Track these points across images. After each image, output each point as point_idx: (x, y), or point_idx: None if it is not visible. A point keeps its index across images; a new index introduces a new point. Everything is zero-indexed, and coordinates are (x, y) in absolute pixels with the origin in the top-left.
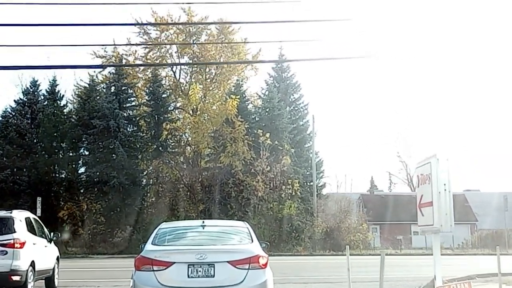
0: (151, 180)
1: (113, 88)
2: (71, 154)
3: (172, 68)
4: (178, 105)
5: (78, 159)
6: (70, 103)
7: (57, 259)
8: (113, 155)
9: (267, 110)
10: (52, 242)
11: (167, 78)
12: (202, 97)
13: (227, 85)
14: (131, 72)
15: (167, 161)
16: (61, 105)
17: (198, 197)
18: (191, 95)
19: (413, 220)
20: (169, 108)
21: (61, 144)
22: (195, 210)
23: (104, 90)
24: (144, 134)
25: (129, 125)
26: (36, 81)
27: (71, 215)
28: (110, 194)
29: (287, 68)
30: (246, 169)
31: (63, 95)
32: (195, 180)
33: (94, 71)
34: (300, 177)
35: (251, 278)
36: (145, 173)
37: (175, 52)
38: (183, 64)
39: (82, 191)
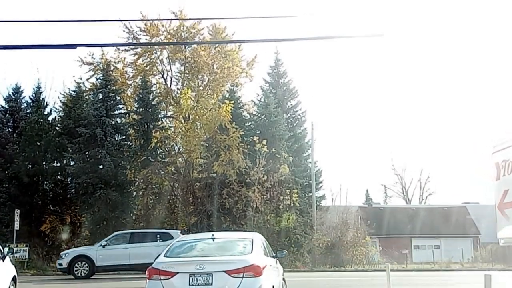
0: (140, 192)
1: (100, 94)
2: (55, 164)
3: (163, 75)
4: (169, 113)
5: (63, 169)
6: (55, 111)
7: (14, 279)
8: (100, 165)
9: (263, 116)
10: (7, 259)
11: (157, 85)
12: (195, 104)
13: (220, 92)
14: (120, 79)
15: (157, 171)
16: (45, 113)
17: (190, 209)
18: (183, 100)
19: (414, 233)
20: (160, 116)
21: (45, 153)
22: (186, 223)
23: (91, 97)
24: (132, 143)
25: (116, 134)
26: (19, 87)
27: (54, 229)
28: (96, 206)
29: (283, 74)
30: (241, 178)
31: (47, 103)
32: (186, 191)
33: (81, 78)
34: (298, 187)
35: (245, 285)
36: (133, 184)
37: (166, 58)
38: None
39: (66, 203)
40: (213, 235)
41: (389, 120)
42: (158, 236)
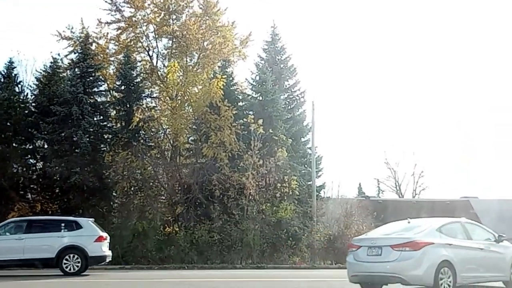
0: (119, 177)
1: (77, 69)
2: (25, 146)
3: (148, 52)
4: (154, 94)
5: (34, 151)
6: (28, 89)
7: None
8: (76, 148)
9: (259, 95)
10: None
11: (142, 62)
12: (182, 81)
13: (211, 70)
14: (101, 55)
15: (139, 154)
16: (18, 90)
17: (176, 198)
18: (169, 75)
19: None
20: (143, 95)
21: (15, 134)
22: (171, 213)
23: (69, 74)
24: (113, 124)
25: (95, 114)
26: None
27: None
28: (70, 193)
29: (281, 50)
30: (233, 163)
31: (21, 80)
32: (171, 176)
33: (59, 54)
34: (297, 174)
35: (403, 257)
36: (111, 168)
37: (152, 33)
38: None
39: (37, 189)
40: (408, 219)
41: (383, 114)
42: (63, 224)
